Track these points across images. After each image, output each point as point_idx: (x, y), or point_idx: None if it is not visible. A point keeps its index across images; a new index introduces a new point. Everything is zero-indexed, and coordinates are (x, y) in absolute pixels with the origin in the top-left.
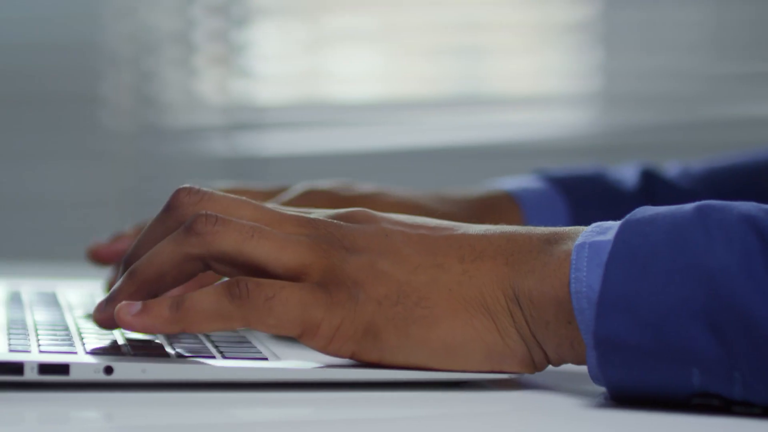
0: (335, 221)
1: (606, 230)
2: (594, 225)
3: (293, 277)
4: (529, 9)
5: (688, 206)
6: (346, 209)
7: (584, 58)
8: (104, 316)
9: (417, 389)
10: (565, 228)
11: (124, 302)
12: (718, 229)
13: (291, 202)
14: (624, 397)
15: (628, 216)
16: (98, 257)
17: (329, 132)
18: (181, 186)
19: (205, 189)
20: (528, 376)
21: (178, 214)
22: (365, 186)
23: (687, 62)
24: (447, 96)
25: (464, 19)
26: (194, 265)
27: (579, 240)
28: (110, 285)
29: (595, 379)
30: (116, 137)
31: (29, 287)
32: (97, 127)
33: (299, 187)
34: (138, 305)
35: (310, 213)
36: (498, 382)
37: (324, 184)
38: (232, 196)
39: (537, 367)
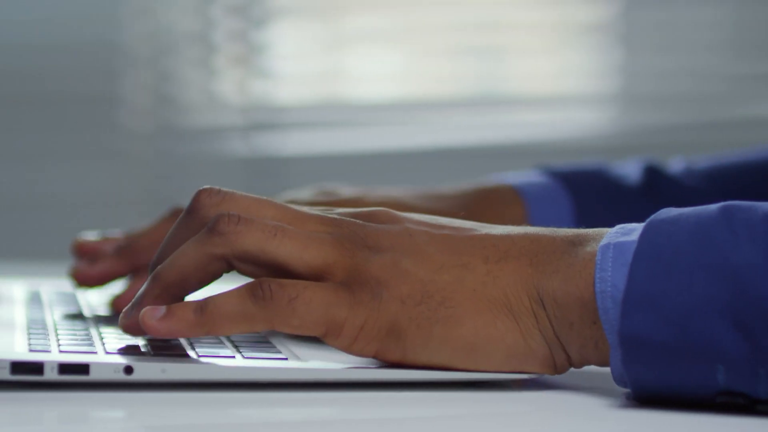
0: (358, 221)
1: (630, 231)
2: (618, 227)
3: (316, 276)
4: (548, 9)
5: (713, 206)
6: (369, 209)
7: (603, 58)
8: (130, 322)
9: (438, 389)
10: (588, 230)
11: (148, 307)
12: (744, 227)
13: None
14: (648, 396)
15: (652, 217)
16: (80, 251)
17: (348, 132)
18: (201, 188)
19: (226, 190)
20: (549, 377)
21: (200, 216)
22: (347, 189)
23: (706, 62)
24: (466, 96)
25: (483, 19)
26: (218, 265)
27: (603, 241)
28: (75, 274)
29: (619, 379)
30: (135, 137)
31: (48, 287)
32: (116, 127)
33: (282, 197)
34: (162, 309)
35: (332, 212)
36: (519, 383)
37: (304, 194)
38: (254, 196)
39: (558, 369)
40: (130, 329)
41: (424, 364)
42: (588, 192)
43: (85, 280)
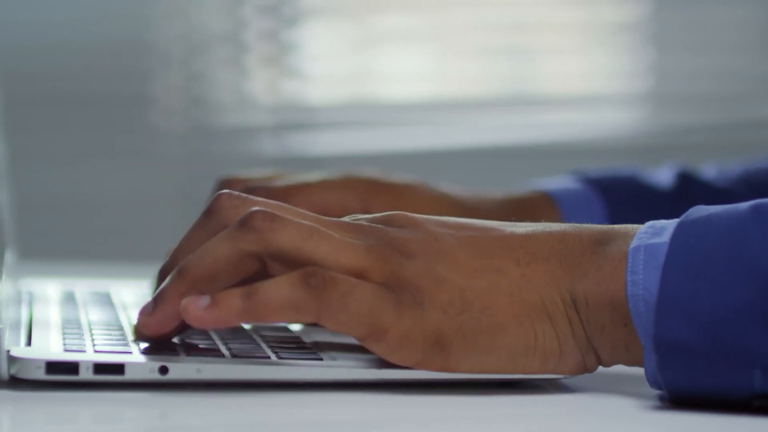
0: (379, 226)
1: (660, 231)
2: (647, 225)
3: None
4: (578, 9)
5: (743, 205)
6: (383, 213)
7: (633, 58)
8: (153, 320)
9: (470, 390)
10: (613, 226)
11: (190, 297)
12: None
13: (323, 184)
14: (683, 400)
15: (682, 217)
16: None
17: (378, 132)
18: (221, 191)
19: (245, 195)
20: (581, 377)
21: (220, 218)
22: (406, 176)
23: (737, 62)
24: (496, 96)
25: (513, 19)
26: (250, 263)
27: (633, 243)
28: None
29: (652, 381)
30: (167, 137)
31: (82, 287)
32: (148, 128)
33: (336, 172)
34: (206, 299)
35: (343, 220)
36: (551, 384)
37: (364, 171)
38: (274, 201)
39: (588, 369)
40: (154, 328)
41: (465, 372)
42: (622, 198)
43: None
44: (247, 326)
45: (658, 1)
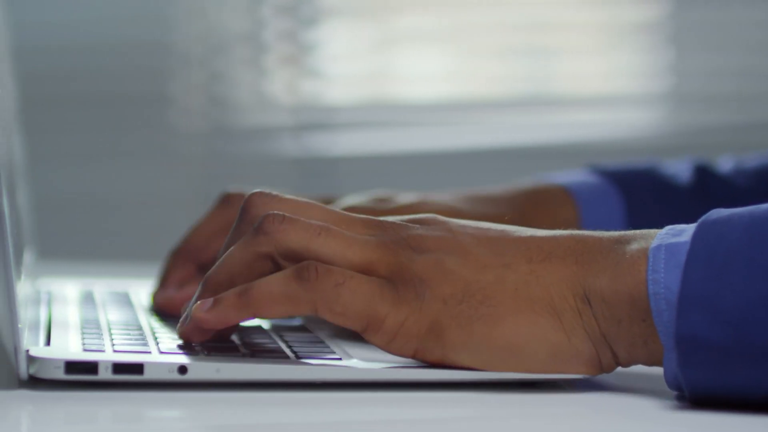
0: (402, 224)
1: (681, 232)
2: (667, 228)
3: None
4: (598, 9)
5: (765, 206)
6: (417, 215)
7: (653, 58)
8: (187, 329)
9: (487, 390)
10: (634, 231)
11: (197, 303)
12: None
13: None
14: (705, 399)
15: (703, 218)
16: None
17: (398, 132)
18: (253, 191)
19: (275, 192)
20: (598, 377)
21: (249, 218)
22: (406, 196)
23: (756, 61)
24: (515, 96)
25: (533, 19)
26: (264, 264)
27: (654, 243)
28: (158, 306)
29: (672, 382)
30: (186, 137)
31: (101, 287)
32: (168, 128)
33: (339, 205)
34: (209, 301)
35: (374, 218)
36: (568, 384)
37: (362, 200)
38: (302, 199)
39: (604, 369)
40: (188, 335)
41: (464, 365)
42: (639, 191)
43: (168, 307)
44: (266, 326)
45: (677, 0)
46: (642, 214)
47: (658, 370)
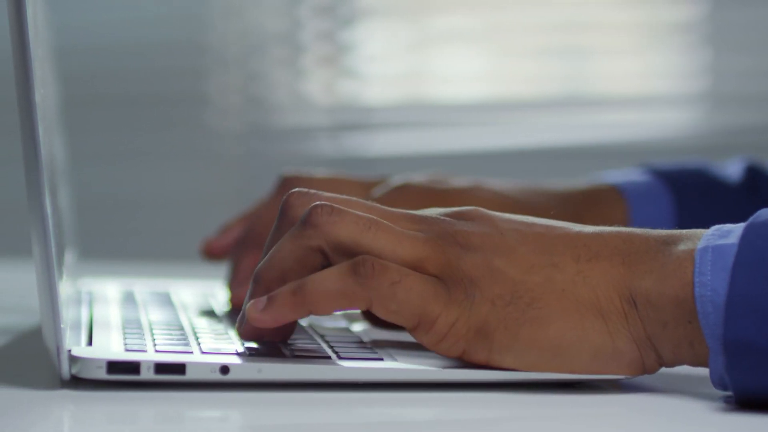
0: (448, 219)
1: (728, 233)
2: (714, 228)
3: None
4: (634, 9)
5: None
6: (459, 208)
7: (690, 58)
8: (245, 329)
9: (530, 390)
10: (681, 231)
11: (251, 302)
12: None
13: (385, 197)
14: (751, 401)
15: (751, 218)
16: (211, 252)
17: (434, 132)
18: (291, 191)
19: (313, 191)
20: (642, 378)
21: (290, 216)
22: (460, 180)
23: None
24: (552, 96)
25: (569, 20)
26: (315, 257)
27: (701, 244)
28: (206, 247)
29: (718, 383)
30: (223, 137)
31: (142, 287)
32: (204, 128)
33: (394, 182)
34: (263, 300)
35: (417, 212)
36: (611, 384)
37: (419, 178)
38: (343, 196)
39: (647, 370)
40: (246, 335)
41: (509, 367)
42: (690, 191)
43: (212, 252)
44: (304, 324)
45: (715, 1)
46: (692, 214)
47: (701, 371)
